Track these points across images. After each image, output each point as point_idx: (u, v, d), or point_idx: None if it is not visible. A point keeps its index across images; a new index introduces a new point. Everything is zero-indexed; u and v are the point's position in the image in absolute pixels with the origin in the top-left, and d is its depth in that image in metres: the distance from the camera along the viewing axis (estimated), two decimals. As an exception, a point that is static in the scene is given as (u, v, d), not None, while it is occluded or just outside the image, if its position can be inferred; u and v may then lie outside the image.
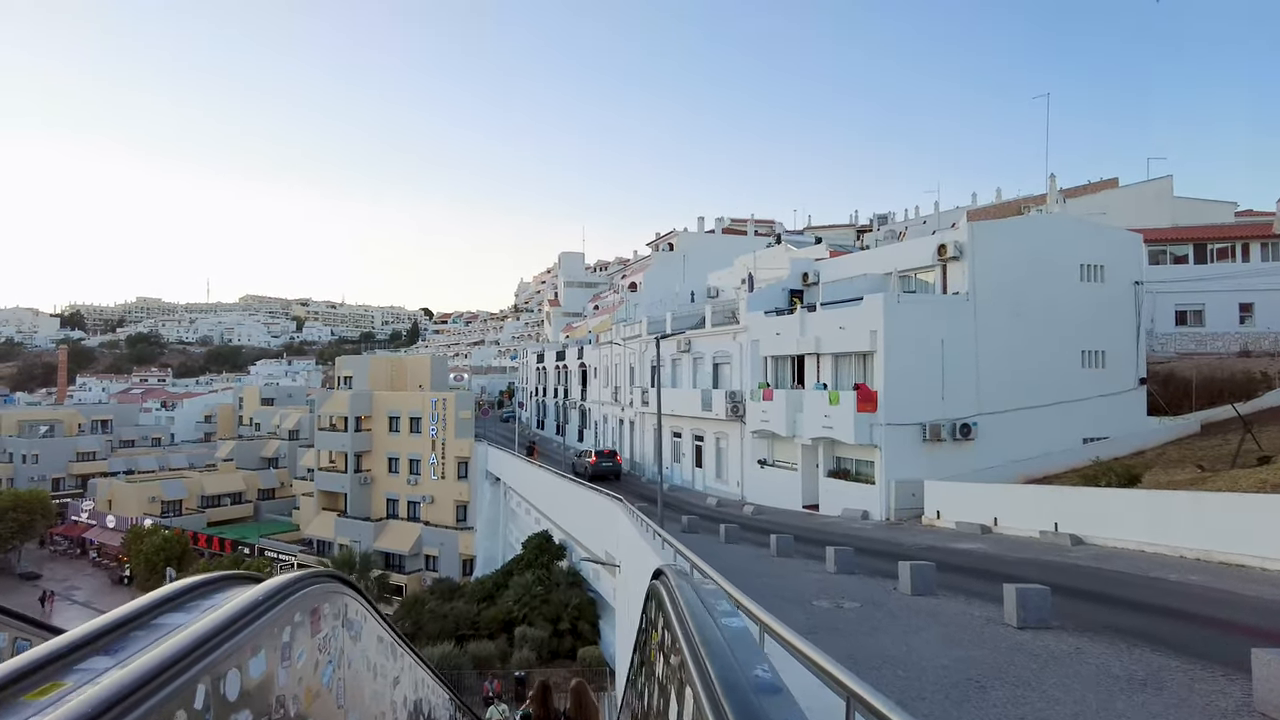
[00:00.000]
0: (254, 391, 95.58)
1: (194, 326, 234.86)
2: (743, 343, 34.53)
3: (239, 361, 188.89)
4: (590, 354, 55.42)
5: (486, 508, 49.11)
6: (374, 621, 4.18)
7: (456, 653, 25.96)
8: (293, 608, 2.74)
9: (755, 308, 34.21)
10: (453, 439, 51.58)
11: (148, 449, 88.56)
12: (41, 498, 67.78)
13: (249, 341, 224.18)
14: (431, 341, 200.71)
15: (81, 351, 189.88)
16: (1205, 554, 15.27)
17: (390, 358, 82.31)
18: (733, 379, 35.47)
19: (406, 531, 52.46)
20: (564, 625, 28.30)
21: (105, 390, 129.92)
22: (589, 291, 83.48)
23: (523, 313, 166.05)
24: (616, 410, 48.48)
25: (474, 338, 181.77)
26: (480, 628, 29.60)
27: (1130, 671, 7.70)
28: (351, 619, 3.57)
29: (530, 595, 29.81)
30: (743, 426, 33.78)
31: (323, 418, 57.73)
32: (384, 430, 55.14)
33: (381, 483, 55.04)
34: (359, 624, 3.73)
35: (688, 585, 3.68)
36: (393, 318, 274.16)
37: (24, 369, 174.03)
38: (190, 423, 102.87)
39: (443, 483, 51.88)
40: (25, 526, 64.88)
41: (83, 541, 71.86)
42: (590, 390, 55.57)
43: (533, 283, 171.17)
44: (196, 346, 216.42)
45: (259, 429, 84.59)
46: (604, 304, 72.07)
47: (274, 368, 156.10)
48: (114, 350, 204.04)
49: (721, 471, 36.70)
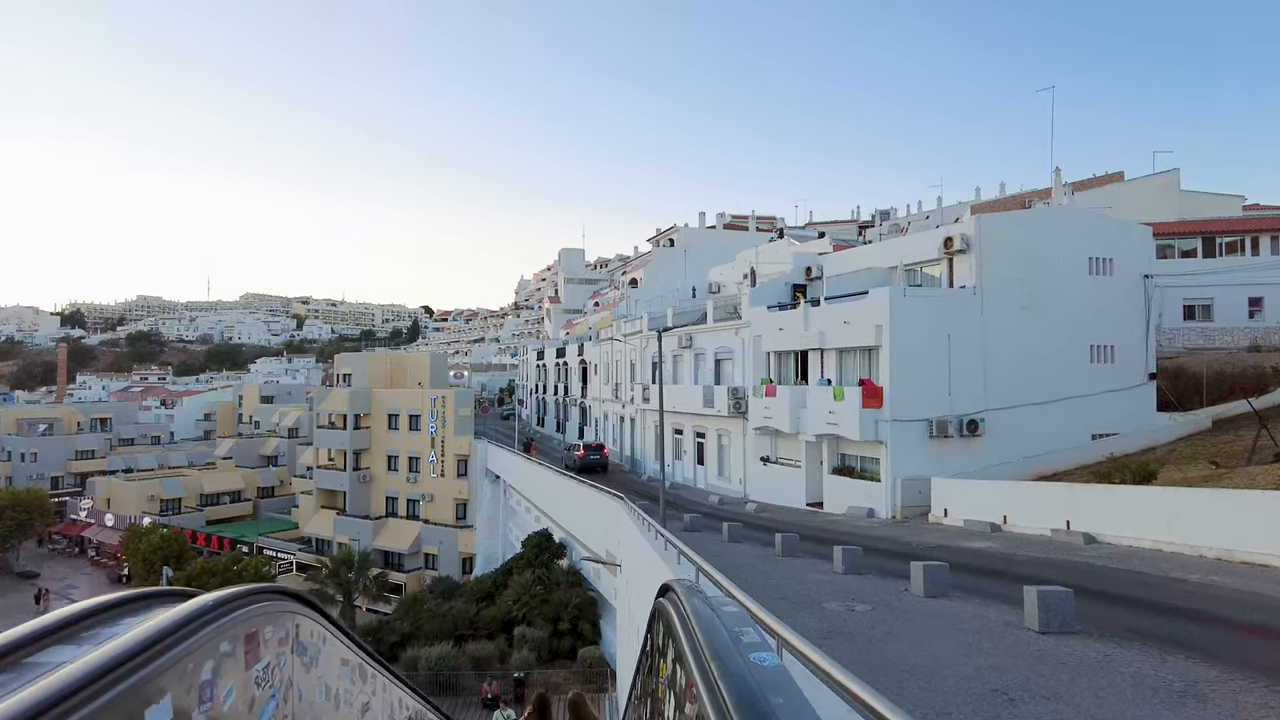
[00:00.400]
0: (254, 390, 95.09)
1: (194, 324, 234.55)
2: (745, 338, 34.03)
3: (239, 360, 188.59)
4: (590, 351, 54.93)
5: (486, 506, 48.65)
6: (337, 641, 3.67)
7: (455, 653, 25.50)
8: (218, 635, 2.24)
9: (758, 303, 33.69)
10: (452, 437, 51.12)
11: (147, 447, 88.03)
12: (40, 496, 67.34)
13: (249, 339, 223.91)
14: (432, 339, 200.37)
15: (82, 350, 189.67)
16: (1226, 554, 14.77)
17: (389, 355, 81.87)
18: (735, 375, 34.97)
19: (406, 530, 52.02)
20: (564, 625, 27.83)
21: (105, 388, 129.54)
22: (589, 288, 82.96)
23: (523, 310, 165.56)
24: (617, 407, 48.00)
25: (474, 335, 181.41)
26: (479, 628, 29.14)
27: (1166, 682, 7.20)
28: (305, 642, 3.07)
29: (530, 595, 29.33)
30: (745, 423, 33.29)
31: (321, 415, 57.28)
32: (383, 428, 54.68)
33: (381, 481, 54.58)
34: (314, 647, 3.23)
35: (704, 607, 3.13)
36: (393, 315, 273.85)
37: (24, 367, 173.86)
38: (190, 421, 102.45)
39: (442, 481, 51.44)
40: (23, 525, 64.50)
41: (81, 540, 71.44)
42: (591, 387, 55.10)
43: (533, 280, 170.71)
44: (197, 345, 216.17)
45: (259, 427, 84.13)
46: (604, 300, 71.58)
47: (274, 366, 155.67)
48: (114, 348, 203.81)
49: (723, 469, 36.22)
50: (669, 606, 3.38)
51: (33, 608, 46.07)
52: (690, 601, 3.07)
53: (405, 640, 29.12)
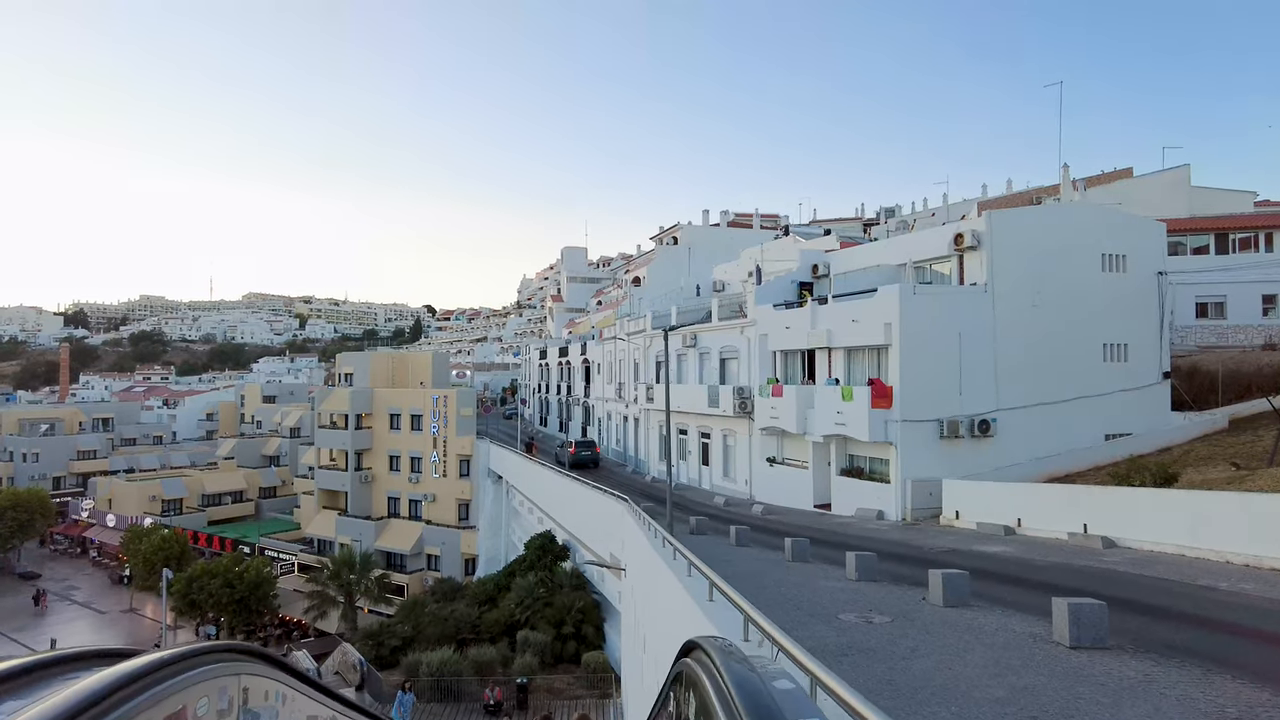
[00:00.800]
0: (256, 389, 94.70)
1: (197, 324, 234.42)
2: (750, 337, 33.50)
3: (242, 359, 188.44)
4: (593, 350, 54.42)
5: (489, 506, 48.19)
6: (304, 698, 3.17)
7: (456, 658, 25.02)
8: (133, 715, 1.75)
9: (764, 301, 33.16)
10: (454, 436, 50.66)
11: (149, 447, 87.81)
12: (41, 496, 67.06)
13: (252, 339, 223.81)
14: (434, 338, 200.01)
15: (85, 350, 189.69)
16: (1255, 560, 14.24)
17: (391, 354, 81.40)
18: (740, 374, 34.45)
19: (408, 530, 51.58)
20: (567, 629, 27.36)
21: (108, 388, 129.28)
22: (592, 287, 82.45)
23: (525, 309, 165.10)
24: (620, 407, 47.49)
25: (477, 334, 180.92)
26: (481, 631, 28.67)
27: (1219, 708, 6.69)
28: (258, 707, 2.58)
29: (533, 598, 28.87)
30: (751, 423, 32.78)
31: (323, 415, 56.86)
32: (385, 428, 54.24)
33: (382, 481, 54.14)
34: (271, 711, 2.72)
35: (751, 675, 2.58)
36: (396, 315, 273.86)
37: (27, 368, 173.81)
38: (192, 421, 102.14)
39: (444, 481, 50.98)
40: (25, 525, 64.21)
41: (83, 541, 71.20)
42: (594, 387, 54.58)
43: (535, 279, 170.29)
44: (200, 344, 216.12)
45: (260, 427, 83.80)
46: (607, 299, 71.07)
47: (276, 365, 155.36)
48: (117, 348, 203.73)
49: (729, 470, 35.71)
50: (702, 678, 2.81)
51: (31, 609, 45.63)
52: (728, 668, 2.54)
53: (406, 644, 28.68)
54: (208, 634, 49.47)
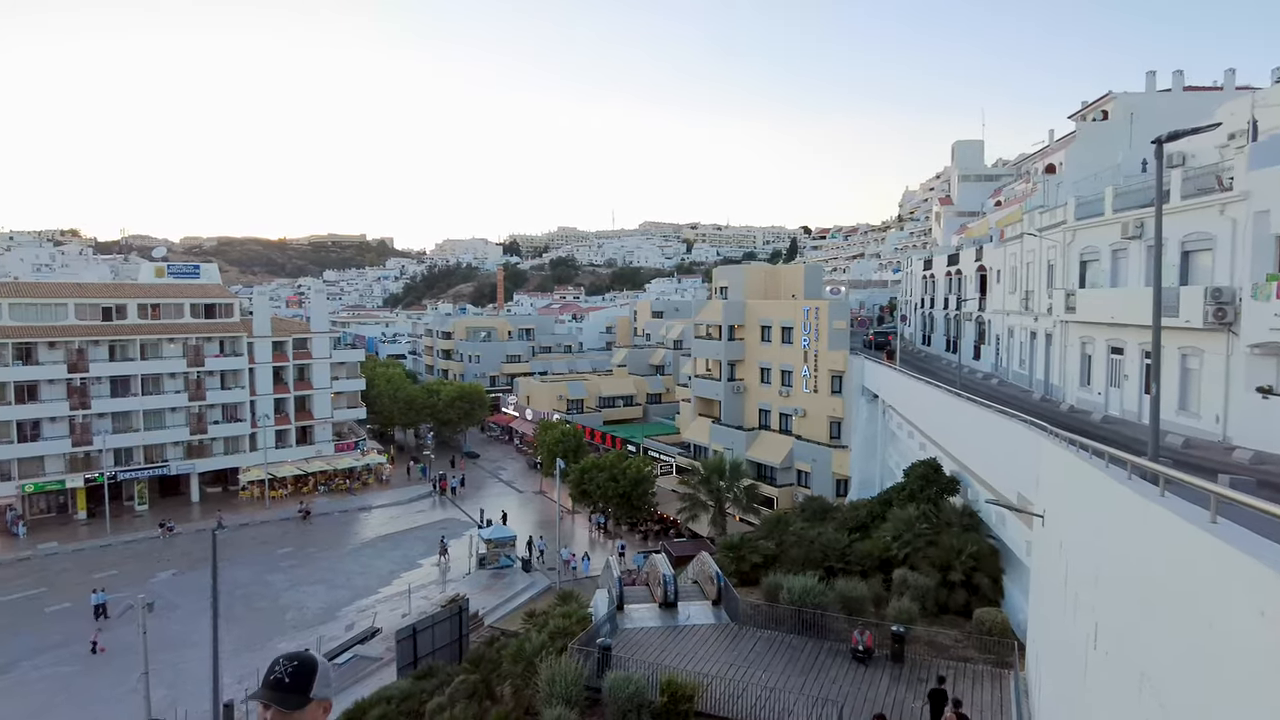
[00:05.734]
0: (646, 305, 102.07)
1: (601, 250, 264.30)
2: (1236, 217, 24.07)
3: (638, 280, 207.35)
4: (991, 254, 46.17)
5: (863, 426, 44.37)
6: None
7: (822, 589, 22.26)
8: None
9: (1262, 164, 23.36)
10: (825, 351, 47.44)
11: (560, 354, 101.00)
12: (479, 391, 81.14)
13: (646, 263, 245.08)
14: (809, 257, 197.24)
15: (517, 273, 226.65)
16: None
17: (765, 267, 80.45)
18: (1215, 272, 25.19)
19: (778, 444, 50.33)
20: (955, 576, 22.85)
21: (532, 305, 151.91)
22: (988, 186, 71.00)
23: (907, 222, 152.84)
24: (1027, 320, 39.43)
25: (853, 251, 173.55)
26: (851, 562, 25.51)
27: None
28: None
29: (913, 533, 24.77)
30: (1231, 339, 23.80)
31: (699, 326, 57.85)
32: (756, 340, 53.18)
33: (754, 392, 53.47)
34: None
35: None
36: (773, 237, 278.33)
37: (478, 288, 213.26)
38: (595, 333, 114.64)
39: (815, 396, 48.31)
40: (468, 414, 78.25)
41: (509, 430, 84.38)
42: (990, 298, 46.53)
43: (919, 190, 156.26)
44: (604, 268, 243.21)
45: (649, 339, 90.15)
46: (1009, 195, 60.33)
47: (665, 285, 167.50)
48: (540, 272, 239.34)
49: (1187, 400, 26.84)
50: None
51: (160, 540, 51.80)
52: None
53: (768, 562, 26.80)
54: (598, 522, 54.27)
